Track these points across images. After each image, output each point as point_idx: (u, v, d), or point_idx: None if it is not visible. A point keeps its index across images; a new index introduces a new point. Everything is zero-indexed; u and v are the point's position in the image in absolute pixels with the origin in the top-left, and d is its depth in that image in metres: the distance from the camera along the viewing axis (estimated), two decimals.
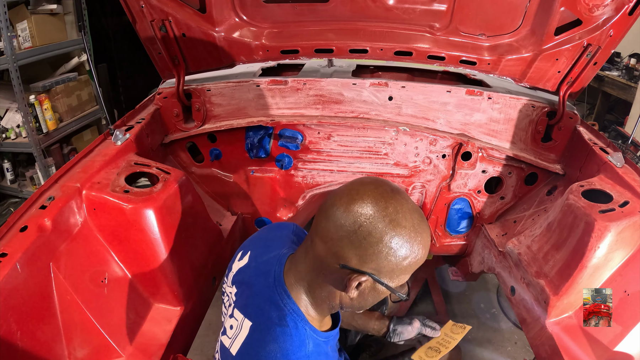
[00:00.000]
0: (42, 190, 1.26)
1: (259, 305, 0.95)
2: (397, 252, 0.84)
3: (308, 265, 0.93)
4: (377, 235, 0.83)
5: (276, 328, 0.90)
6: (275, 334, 0.90)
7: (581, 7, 1.49)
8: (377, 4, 1.64)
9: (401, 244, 0.84)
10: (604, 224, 1.26)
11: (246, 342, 0.92)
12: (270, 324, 0.91)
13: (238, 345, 0.93)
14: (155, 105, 1.81)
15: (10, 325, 1.00)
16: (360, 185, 0.89)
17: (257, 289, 0.99)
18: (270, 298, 0.94)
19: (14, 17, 2.95)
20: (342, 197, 0.87)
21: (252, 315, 0.95)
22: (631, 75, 4.53)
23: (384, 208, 0.84)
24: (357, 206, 0.84)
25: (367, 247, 0.83)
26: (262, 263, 1.03)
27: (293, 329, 0.91)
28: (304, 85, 1.82)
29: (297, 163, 1.95)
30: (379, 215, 0.83)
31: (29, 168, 3.42)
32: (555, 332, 1.36)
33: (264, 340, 0.90)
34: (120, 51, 4.16)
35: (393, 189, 0.88)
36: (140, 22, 1.59)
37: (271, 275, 0.97)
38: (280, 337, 0.89)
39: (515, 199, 1.93)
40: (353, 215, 0.84)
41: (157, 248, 1.33)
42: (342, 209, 0.85)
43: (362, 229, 0.83)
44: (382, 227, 0.83)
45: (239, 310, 0.98)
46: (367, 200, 0.85)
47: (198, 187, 1.96)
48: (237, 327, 0.95)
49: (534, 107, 1.78)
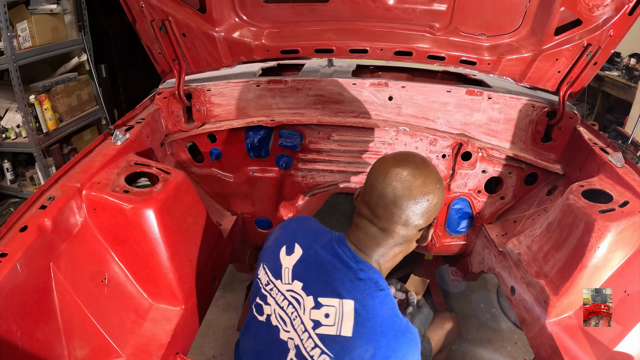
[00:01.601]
0: (42, 190, 1.26)
1: (351, 282, 1.03)
2: (442, 201, 1.10)
3: (378, 240, 1.09)
4: (440, 199, 1.09)
5: (378, 293, 1.02)
6: (380, 298, 1.01)
7: (581, 7, 1.49)
8: (377, 4, 1.64)
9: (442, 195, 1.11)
10: (604, 224, 1.26)
11: (357, 317, 0.98)
12: (372, 292, 1.02)
13: (350, 326, 0.98)
14: (155, 105, 1.81)
15: (10, 325, 1.00)
16: (411, 172, 1.06)
17: (336, 270, 1.06)
18: (356, 273, 1.04)
19: (14, 17, 2.96)
20: (408, 189, 1.04)
21: (349, 293, 1.01)
22: (631, 75, 4.53)
23: (437, 179, 1.08)
24: (423, 190, 1.05)
25: (436, 210, 1.09)
26: (323, 248, 1.10)
27: (387, 289, 1.05)
28: (304, 85, 1.82)
29: (297, 163, 1.95)
30: (440, 186, 1.08)
31: (29, 168, 3.42)
32: (555, 332, 1.36)
33: (374, 307, 1.00)
34: (120, 51, 4.16)
35: (419, 158, 1.11)
36: (140, 22, 1.59)
37: (343, 255, 1.08)
38: (385, 299, 1.02)
39: (515, 199, 1.93)
40: (424, 198, 1.05)
41: (157, 248, 1.32)
42: (413, 200, 1.04)
43: (432, 201, 1.06)
44: (440, 192, 1.08)
45: (328, 296, 1.02)
46: (428, 181, 1.06)
47: (198, 187, 1.96)
48: (337, 311, 1.00)
49: (534, 107, 1.78)
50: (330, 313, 1.00)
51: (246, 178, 1.98)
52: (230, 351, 2.32)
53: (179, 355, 1.34)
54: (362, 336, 0.97)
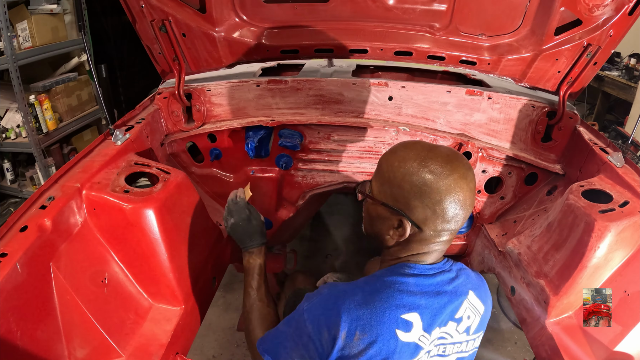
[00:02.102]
0: (42, 190, 1.26)
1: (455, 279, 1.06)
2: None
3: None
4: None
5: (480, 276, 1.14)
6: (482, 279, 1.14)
7: (581, 7, 1.49)
8: (377, 4, 1.64)
9: None
10: (604, 224, 1.26)
11: (478, 292, 1.08)
12: (466, 270, 1.10)
13: (480, 304, 1.07)
14: (155, 105, 1.81)
15: (10, 325, 1.00)
16: (464, 174, 1.00)
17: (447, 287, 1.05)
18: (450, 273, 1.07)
19: (14, 17, 2.95)
20: (470, 196, 1.00)
21: (462, 287, 1.05)
22: (631, 75, 4.54)
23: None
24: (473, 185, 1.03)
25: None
26: (422, 288, 1.02)
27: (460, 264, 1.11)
28: (304, 85, 1.82)
29: (297, 163, 1.95)
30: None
31: (29, 168, 3.42)
32: (555, 332, 1.36)
33: (474, 279, 1.10)
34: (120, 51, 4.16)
35: (453, 153, 1.04)
36: (140, 22, 1.59)
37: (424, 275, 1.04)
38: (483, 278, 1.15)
39: (515, 199, 1.93)
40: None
41: (157, 248, 1.32)
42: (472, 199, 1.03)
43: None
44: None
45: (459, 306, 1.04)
46: (471, 173, 1.03)
47: (198, 187, 1.96)
48: (469, 305, 1.05)
49: (534, 107, 1.78)
50: (469, 313, 1.04)
51: (246, 178, 1.98)
52: (231, 351, 2.33)
53: (179, 355, 1.34)
54: (486, 299, 1.10)
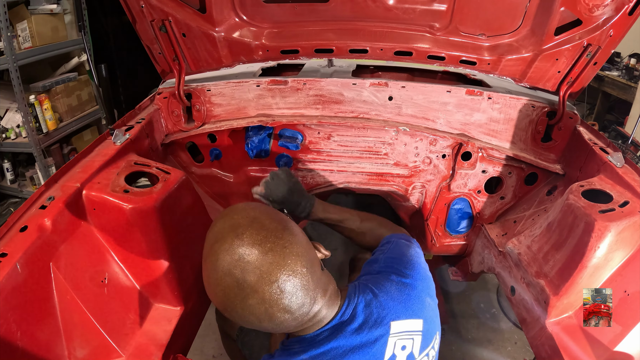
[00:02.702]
0: (42, 190, 1.26)
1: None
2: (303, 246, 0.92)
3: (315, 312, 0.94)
4: (302, 251, 0.91)
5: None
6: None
7: (581, 7, 1.49)
8: (377, 4, 1.64)
9: None
10: (604, 224, 1.26)
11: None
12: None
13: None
14: (155, 105, 1.81)
15: (10, 325, 1.00)
16: (247, 251, 0.85)
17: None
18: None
19: (14, 17, 2.96)
20: (262, 276, 0.83)
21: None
22: (631, 75, 4.53)
23: (279, 232, 0.88)
24: (281, 265, 0.86)
25: (308, 258, 0.91)
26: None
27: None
28: (304, 85, 1.82)
29: (297, 163, 1.95)
30: (288, 239, 0.90)
31: (29, 168, 3.42)
32: (555, 332, 1.36)
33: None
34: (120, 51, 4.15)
35: (244, 218, 0.90)
36: (140, 22, 1.59)
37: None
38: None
39: (515, 199, 1.93)
40: (289, 274, 0.87)
41: (157, 248, 1.33)
42: (276, 282, 0.84)
43: (300, 269, 0.87)
44: (296, 249, 0.90)
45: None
46: (276, 250, 0.86)
47: (198, 187, 1.96)
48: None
49: (534, 107, 1.78)
50: (405, 343, 0.94)
51: (246, 178, 1.98)
52: None
53: (179, 355, 1.34)
54: (420, 308, 0.99)
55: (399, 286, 0.98)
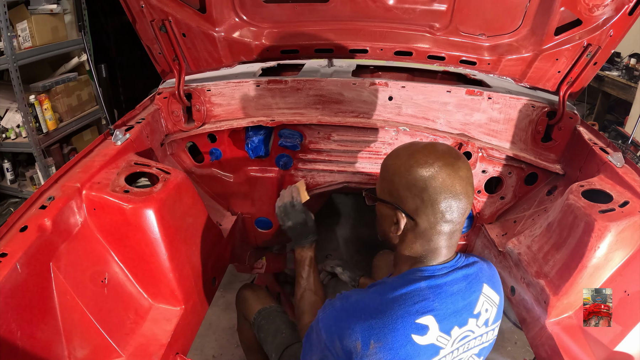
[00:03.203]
0: (42, 190, 1.26)
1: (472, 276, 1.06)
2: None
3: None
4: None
5: (490, 265, 1.13)
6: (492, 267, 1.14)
7: (581, 7, 1.49)
8: (377, 4, 1.64)
9: None
10: (604, 224, 1.26)
11: (492, 284, 1.09)
12: (482, 263, 1.10)
13: (495, 295, 1.09)
14: (155, 105, 1.81)
15: (10, 325, 1.00)
16: (460, 163, 1.02)
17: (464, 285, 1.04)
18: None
19: (14, 17, 2.95)
20: (469, 183, 1.02)
21: (478, 280, 1.06)
22: (631, 75, 4.54)
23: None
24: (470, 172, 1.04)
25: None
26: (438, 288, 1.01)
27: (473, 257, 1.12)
28: (304, 85, 1.82)
29: (297, 163, 1.95)
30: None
31: (29, 168, 3.42)
32: (555, 332, 1.36)
33: (488, 268, 1.11)
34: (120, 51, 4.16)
35: (444, 146, 1.06)
36: (140, 22, 1.59)
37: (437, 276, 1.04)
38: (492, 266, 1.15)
39: (515, 199, 1.93)
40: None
41: (157, 248, 1.32)
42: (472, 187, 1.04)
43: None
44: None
45: (475, 305, 1.05)
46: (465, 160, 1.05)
47: (198, 187, 1.96)
48: (485, 298, 1.06)
49: (534, 107, 1.78)
50: (487, 306, 1.06)
51: (246, 178, 1.98)
52: (231, 351, 2.33)
53: (179, 355, 1.34)
54: (499, 288, 1.12)
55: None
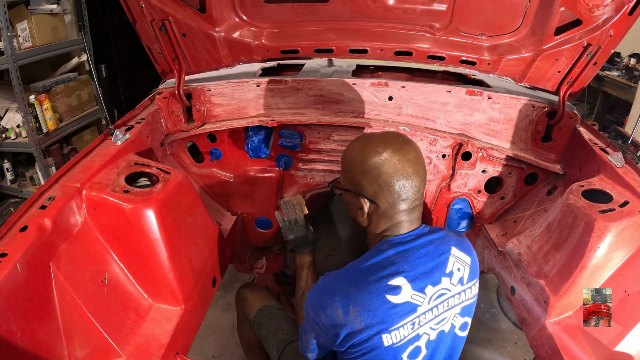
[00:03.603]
0: (42, 190, 1.26)
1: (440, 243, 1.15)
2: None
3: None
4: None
5: (458, 233, 1.23)
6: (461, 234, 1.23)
7: (581, 7, 1.49)
8: (377, 4, 1.64)
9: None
10: (604, 224, 1.26)
11: (462, 247, 1.17)
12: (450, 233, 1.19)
13: (467, 258, 1.17)
14: (155, 105, 1.81)
15: (10, 325, 1.00)
16: (408, 146, 1.14)
17: (432, 249, 1.13)
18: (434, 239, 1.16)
19: (14, 17, 2.95)
20: (419, 163, 1.14)
21: (445, 244, 1.15)
22: (631, 75, 4.53)
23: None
24: (420, 156, 1.16)
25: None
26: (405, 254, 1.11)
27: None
28: (304, 85, 1.82)
29: (297, 163, 1.95)
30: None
31: (29, 168, 3.42)
32: (555, 332, 1.36)
33: (458, 236, 1.21)
34: (120, 51, 4.15)
35: (395, 134, 1.20)
36: (140, 22, 1.59)
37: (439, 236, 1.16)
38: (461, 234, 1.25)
39: (515, 199, 1.93)
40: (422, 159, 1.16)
41: (157, 248, 1.32)
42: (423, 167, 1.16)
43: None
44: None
45: (448, 267, 1.13)
46: (414, 144, 1.17)
47: (198, 187, 1.96)
48: (455, 257, 1.14)
49: (534, 107, 1.78)
50: (458, 265, 1.14)
51: (246, 178, 1.98)
52: (231, 351, 2.33)
53: (179, 355, 1.34)
54: (470, 250, 1.19)
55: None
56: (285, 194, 2.02)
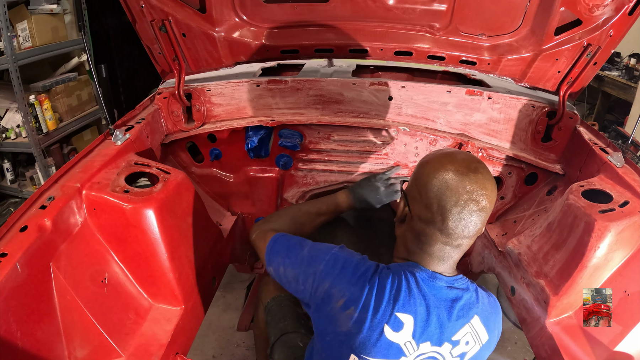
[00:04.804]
0: (42, 190, 1.26)
1: (464, 303, 1.03)
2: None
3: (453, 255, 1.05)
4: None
5: (479, 293, 1.07)
6: (481, 295, 1.08)
7: (581, 7, 1.49)
8: (377, 4, 1.64)
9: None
10: (604, 224, 1.26)
11: (485, 321, 1.06)
12: (478, 296, 1.06)
13: (484, 331, 1.06)
14: (155, 105, 1.81)
15: (10, 325, 1.00)
16: (480, 185, 0.99)
17: (446, 303, 1.01)
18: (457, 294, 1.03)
19: (14, 17, 2.95)
20: (483, 208, 0.99)
21: (469, 311, 1.03)
22: (631, 75, 4.53)
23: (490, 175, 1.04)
24: (492, 198, 1.01)
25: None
26: (424, 292, 1.00)
27: (473, 284, 1.08)
28: (304, 85, 1.82)
29: (297, 163, 1.95)
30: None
31: (29, 168, 3.42)
32: (555, 332, 1.36)
33: (485, 305, 1.08)
34: (120, 51, 4.15)
35: (476, 161, 1.04)
36: (140, 22, 1.59)
37: (440, 286, 1.02)
38: (481, 292, 1.08)
39: (515, 199, 1.93)
40: (491, 205, 1.01)
41: (157, 248, 1.32)
42: (486, 213, 1.01)
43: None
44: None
45: (459, 329, 1.02)
46: (492, 185, 1.02)
47: (198, 187, 1.96)
48: (472, 331, 1.04)
49: (534, 107, 1.78)
50: (469, 339, 1.03)
51: (246, 178, 1.98)
52: (231, 351, 2.33)
53: (179, 355, 1.34)
54: (493, 329, 1.09)
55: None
56: (285, 194, 2.02)
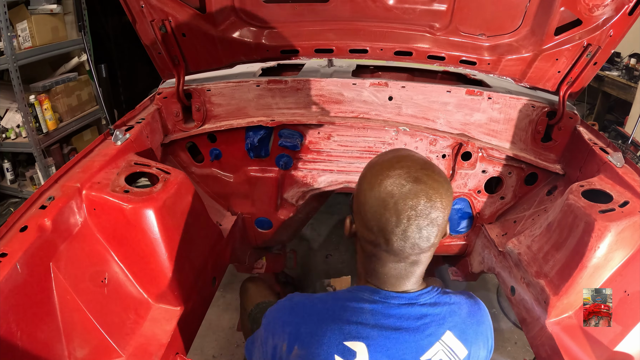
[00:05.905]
0: (42, 190, 1.26)
1: (430, 316, 0.93)
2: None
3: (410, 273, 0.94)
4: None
5: (450, 300, 0.96)
6: (456, 301, 0.97)
7: (581, 7, 1.49)
8: (377, 4, 1.64)
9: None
10: (604, 224, 1.26)
11: (460, 335, 0.94)
12: (449, 307, 0.95)
13: (461, 346, 0.93)
14: (155, 105, 1.81)
15: (10, 325, 1.00)
16: (426, 194, 0.89)
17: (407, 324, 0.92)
18: (422, 308, 0.93)
19: (14, 17, 2.95)
20: (429, 218, 0.87)
21: (439, 325, 0.93)
22: (631, 75, 4.54)
23: (445, 180, 0.93)
24: (444, 204, 0.90)
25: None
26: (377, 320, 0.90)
27: (443, 290, 0.98)
28: (304, 85, 1.82)
29: (297, 163, 1.95)
30: (448, 186, 0.93)
31: (29, 168, 3.42)
32: (555, 332, 1.36)
33: (461, 315, 0.96)
34: (120, 51, 4.16)
35: (421, 163, 0.94)
36: (140, 22, 1.59)
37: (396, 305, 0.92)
38: (454, 297, 0.98)
39: (515, 199, 1.93)
40: (445, 211, 0.90)
41: (157, 248, 1.32)
42: (437, 224, 0.89)
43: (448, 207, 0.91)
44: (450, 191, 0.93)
45: (428, 349, 0.91)
46: (443, 190, 0.90)
47: (198, 187, 1.96)
48: (445, 348, 0.91)
49: (534, 107, 1.78)
50: (442, 356, 0.91)
51: (246, 178, 1.98)
52: (231, 351, 2.33)
53: (179, 356, 1.34)
54: (473, 342, 0.95)
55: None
56: (285, 194, 2.02)
